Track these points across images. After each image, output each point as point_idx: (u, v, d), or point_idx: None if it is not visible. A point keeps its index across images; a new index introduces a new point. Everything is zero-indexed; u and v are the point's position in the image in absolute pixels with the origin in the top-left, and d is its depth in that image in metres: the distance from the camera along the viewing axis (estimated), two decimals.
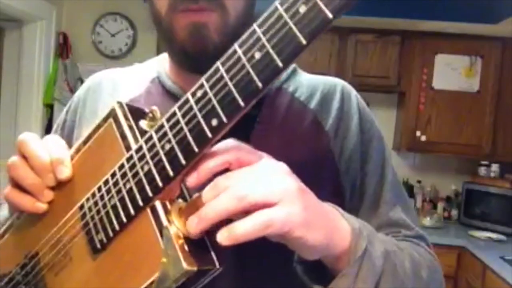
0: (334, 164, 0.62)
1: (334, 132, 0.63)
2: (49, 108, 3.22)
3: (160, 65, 0.68)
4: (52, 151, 0.51)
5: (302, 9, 0.37)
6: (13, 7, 2.78)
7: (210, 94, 0.40)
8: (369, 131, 0.65)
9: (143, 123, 0.49)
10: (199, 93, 0.41)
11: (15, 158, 0.52)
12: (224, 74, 0.40)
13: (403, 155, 3.34)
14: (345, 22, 3.03)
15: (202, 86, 0.41)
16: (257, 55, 0.39)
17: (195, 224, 0.42)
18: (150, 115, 0.49)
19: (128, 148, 0.47)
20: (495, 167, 3.09)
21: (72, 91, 3.27)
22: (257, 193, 0.41)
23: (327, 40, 3.06)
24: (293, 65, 0.68)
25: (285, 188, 0.42)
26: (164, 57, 0.70)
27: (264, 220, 0.40)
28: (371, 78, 3.07)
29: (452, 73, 3.00)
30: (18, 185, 0.52)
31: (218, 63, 0.41)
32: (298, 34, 0.37)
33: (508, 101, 2.96)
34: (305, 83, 0.67)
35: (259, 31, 0.39)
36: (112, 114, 0.49)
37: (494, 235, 2.84)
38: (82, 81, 3.38)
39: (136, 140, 0.47)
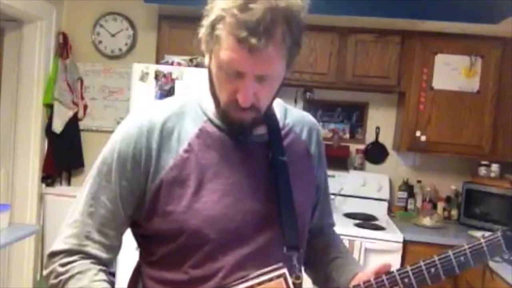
0: (315, 174, 1.02)
1: (314, 155, 1.01)
2: (49, 108, 3.22)
3: (207, 110, 0.90)
4: None
5: None
6: (13, 7, 2.78)
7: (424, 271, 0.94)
8: (324, 155, 1.05)
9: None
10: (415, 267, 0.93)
11: None
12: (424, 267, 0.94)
13: (403, 155, 3.33)
14: (345, 22, 3.03)
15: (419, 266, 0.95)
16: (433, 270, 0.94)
17: None
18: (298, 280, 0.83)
19: None
20: (495, 167, 3.08)
21: (72, 90, 3.27)
22: None
23: (327, 40, 3.05)
24: (283, 104, 0.99)
25: None
26: (203, 107, 0.91)
27: None
28: (371, 78, 3.06)
29: (452, 73, 3.00)
30: None
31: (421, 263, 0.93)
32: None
33: (508, 101, 2.96)
34: (295, 119, 0.99)
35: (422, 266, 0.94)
36: (283, 275, 0.80)
37: None
38: (82, 81, 3.38)
39: None
